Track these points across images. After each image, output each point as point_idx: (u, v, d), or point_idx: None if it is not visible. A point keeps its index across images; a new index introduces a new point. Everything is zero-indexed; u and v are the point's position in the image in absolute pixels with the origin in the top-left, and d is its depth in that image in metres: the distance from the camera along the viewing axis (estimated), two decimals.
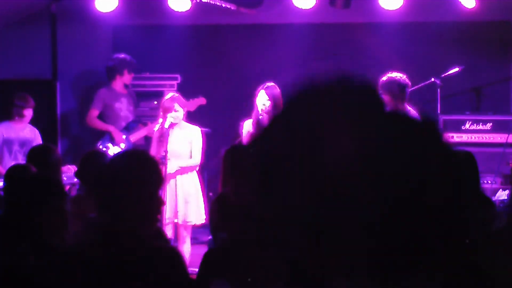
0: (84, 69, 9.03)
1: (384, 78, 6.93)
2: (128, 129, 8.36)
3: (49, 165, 5.22)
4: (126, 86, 8.60)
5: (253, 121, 7.00)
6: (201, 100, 7.79)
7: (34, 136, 7.84)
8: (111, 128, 8.27)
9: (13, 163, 6.57)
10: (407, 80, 6.95)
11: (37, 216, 4.01)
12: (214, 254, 4.05)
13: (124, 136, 8.29)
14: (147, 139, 8.29)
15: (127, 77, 8.49)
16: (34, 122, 7.93)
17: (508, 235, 3.51)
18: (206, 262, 4.01)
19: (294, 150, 1.27)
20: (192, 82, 9.02)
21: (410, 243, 1.27)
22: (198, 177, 6.97)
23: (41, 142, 7.81)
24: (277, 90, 6.96)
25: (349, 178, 1.25)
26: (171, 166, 6.71)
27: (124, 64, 8.44)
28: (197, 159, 6.87)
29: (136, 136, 8.29)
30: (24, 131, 7.81)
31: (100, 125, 8.32)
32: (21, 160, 7.28)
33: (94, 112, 8.35)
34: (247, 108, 7.08)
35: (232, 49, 9.30)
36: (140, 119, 8.57)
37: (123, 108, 8.42)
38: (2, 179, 4.73)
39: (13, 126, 7.77)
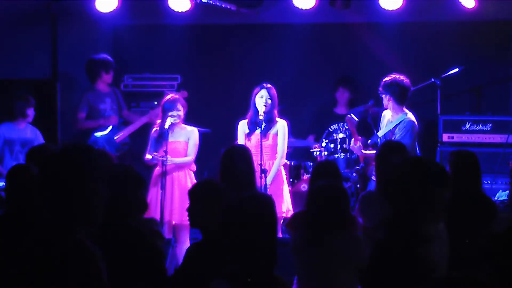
0: (84, 69, 9.01)
1: (387, 79, 6.92)
2: (112, 128, 8.31)
3: None
4: (110, 84, 8.49)
5: (248, 121, 7.01)
6: (183, 93, 7.74)
7: (35, 136, 7.84)
8: (100, 122, 8.22)
9: (14, 163, 6.56)
10: (409, 83, 6.94)
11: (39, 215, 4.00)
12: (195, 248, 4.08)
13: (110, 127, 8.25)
14: (132, 137, 8.27)
15: (106, 77, 8.32)
16: (34, 121, 7.94)
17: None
18: (189, 256, 4.04)
19: None
20: (192, 82, 9.01)
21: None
22: (195, 177, 7.00)
23: (43, 142, 7.81)
24: (275, 91, 6.99)
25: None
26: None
27: (99, 66, 8.27)
28: (191, 156, 6.91)
29: (135, 126, 8.21)
30: (26, 131, 7.81)
31: (90, 124, 8.22)
32: (23, 160, 7.28)
33: (81, 116, 8.23)
34: (244, 109, 7.10)
35: (232, 49, 9.30)
36: (125, 119, 8.46)
37: (108, 109, 8.32)
38: (3, 180, 4.73)
39: (15, 126, 7.77)
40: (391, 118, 6.97)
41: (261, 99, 6.90)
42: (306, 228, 4.39)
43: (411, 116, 6.91)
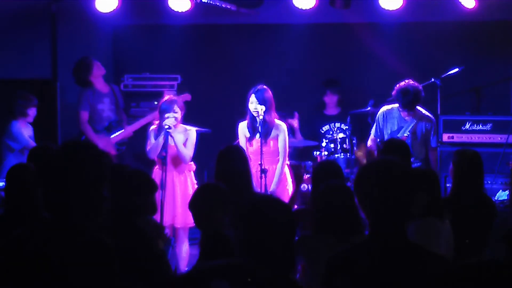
0: None
1: (401, 84, 7.13)
2: (110, 129, 8.22)
3: None
4: (108, 82, 8.40)
5: (247, 123, 6.98)
6: (186, 96, 7.70)
7: (32, 133, 7.87)
8: (100, 144, 8.07)
9: None
10: (419, 86, 7.21)
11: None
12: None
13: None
14: (131, 138, 8.24)
15: (96, 72, 8.09)
16: (34, 121, 7.95)
17: None
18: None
19: None
20: (192, 82, 9.01)
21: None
22: (196, 179, 7.00)
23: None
24: (268, 93, 6.90)
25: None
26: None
27: (80, 71, 8.08)
28: (189, 152, 6.88)
29: (118, 137, 8.11)
30: (28, 129, 7.83)
31: (90, 135, 8.08)
32: None
33: (85, 115, 8.03)
34: (244, 109, 7.09)
35: (232, 49, 9.30)
36: (122, 119, 8.39)
37: (106, 109, 8.19)
38: (3, 180, 4.74)
39: (22, 125, 7.76)
40: (406, 116, 7.19)
41: (251, 105, 6.87)
42: (316, 229, 4.33)
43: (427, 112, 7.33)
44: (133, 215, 3.93)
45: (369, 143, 7.48)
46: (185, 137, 6.91)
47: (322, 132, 8.76)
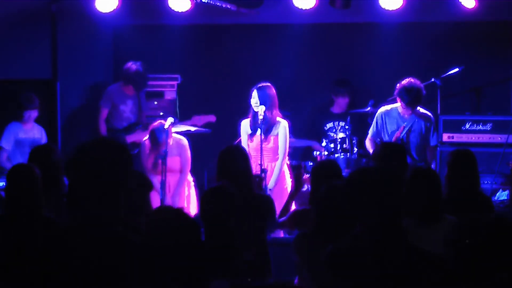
0: (84, 69, 9.02)
1: (403, 82, 7.11)
2: (127, 130, 8.32)
3: (51, 165, 5.22)
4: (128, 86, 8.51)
5: (250, 120, 7.01)
6: (211, 117, 7.82)
7: (41, 135, 7.90)
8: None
9: None
10: (421, 85, 7.19)
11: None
12: None
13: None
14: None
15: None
16: (34, 121, 7.96)
17: None
18: None
19: None
20: (192, 82, 9.02)
21: None
22: (193, 179, 7.06)
23: (46, 141, 7.88)
24: (271, 91, 6.94)
25: None
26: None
27: (143, 81, 8.40)
28: (187, 171, 7.11)
29: (133, 138, 8.22)
30: (33, 131, 7.85)
31: (103, 132, 8.27)
32: None
33: (104, 112, 8.32)
34: (244, 108, 7.11)
35: (232, 49, 9.30)
36: (141, 123, 8.47)
37: (127, 110, 8.40)
38: (3, 180, 4.75)
39: (23, 127, 7.79)
40: (405, 114, 7.18)
41: (253, 100, 6.93)
42: (315, 229, 4.32)
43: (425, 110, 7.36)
44: (129, 215, 3.91)
45: (367, 143, 7.49)
46: (178, 151, 7.00)
47: (326, 129, 8.78)
